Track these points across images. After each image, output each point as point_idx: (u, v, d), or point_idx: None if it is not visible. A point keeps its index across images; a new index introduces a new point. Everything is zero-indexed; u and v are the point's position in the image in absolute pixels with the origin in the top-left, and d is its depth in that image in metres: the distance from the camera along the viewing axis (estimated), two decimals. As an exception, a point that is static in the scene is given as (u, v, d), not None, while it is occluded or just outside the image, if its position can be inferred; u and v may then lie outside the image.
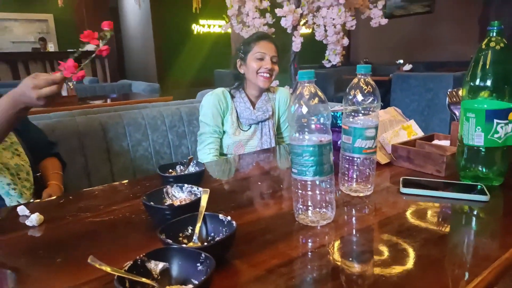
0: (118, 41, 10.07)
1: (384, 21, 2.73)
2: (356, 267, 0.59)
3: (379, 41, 7.44)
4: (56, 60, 7.81)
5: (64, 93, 3.39)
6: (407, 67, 5.10)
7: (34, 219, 0.77)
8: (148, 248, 0.55)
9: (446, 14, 6.47)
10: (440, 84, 3.83)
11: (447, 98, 1.07)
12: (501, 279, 0.57)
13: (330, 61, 2.80)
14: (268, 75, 1.55)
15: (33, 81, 0.88)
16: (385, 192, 0.91)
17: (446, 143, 1.10)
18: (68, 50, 8.13)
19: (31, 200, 1.11)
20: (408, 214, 0.78)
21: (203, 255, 0.52)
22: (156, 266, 0.53)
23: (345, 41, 2.73)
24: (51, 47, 8.33)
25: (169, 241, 0.58)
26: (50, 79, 0.88)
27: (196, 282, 0.51)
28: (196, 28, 10.14)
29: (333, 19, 2.58)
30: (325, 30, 2.63)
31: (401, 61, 5.35)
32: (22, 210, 0.83)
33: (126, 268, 0.50)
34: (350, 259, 0.62)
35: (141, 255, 0.53)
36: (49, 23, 8.96)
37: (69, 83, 3.47)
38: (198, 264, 0.53)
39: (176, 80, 9.77)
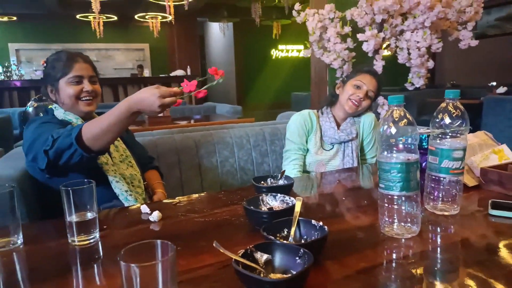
0: (202, 66, 10.88)
1: (475, 42, 2.62)
2: (437, 283, 0.63)
3: (468, 62, 7.00)
4: (150, 84, 8.69)
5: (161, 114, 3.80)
6: (501, 89, 4.72)
7: (155, 215, 0.94)
8: (248, 244, 0.65)
9: (549, 32, 5.88)
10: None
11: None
12: None
13: (413, 84, 2.75)
14: (357, 103, 1.63)
15: (159, 91, 1.03)
16: (472, 213, 0.92)
17: (542, 169, 1.06)
18: (160, 76, 9.01)
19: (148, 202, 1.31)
20: (496, 235, 0.79)
21: (301, 250, 0.62)
22: (262, 257, 0.64)
23: (430, 64, 2.67)
24: (146, 73, 9.28)
25: (272, 237, 0.68)
26: (172, 91, 1.05)
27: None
28: (275, 53, 10.54)
29: (418, 42, 2.56)
30: (409, 53, 2.61)
31: (494, 83, 4.97)
32: (144, 208, 1.01)
33: (240, 254, 0.62)
34: (432, 273, 0.66)
35: (250, 246, 0.64)
36: (145, 51, 10.03)
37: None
38: (297, 258, 0.62)
39: (254, 102, 10.19)
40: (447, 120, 0.86)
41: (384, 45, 2.75)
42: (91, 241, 0.84)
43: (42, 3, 7.19)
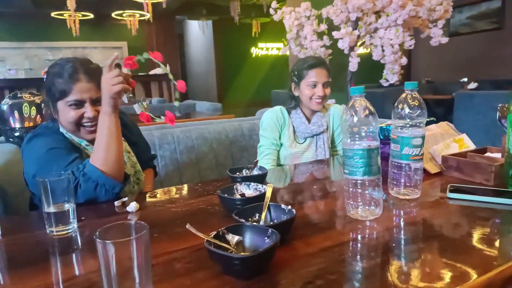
0: (182, 64, 10.82)
1: (445, 39, 2.72)
2: (396, 258, 0.69)
3: (442, 59, 7.22)
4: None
5: (138, 111, 3.80)
6: (472, 85, 4.91)
7: (133, 206, 0.97)
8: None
9: (517, 30, 6.14)
10: (508, 102, 3.66)
11: (497, 112, 1.12)
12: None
13: (387, 80, 2.84)
14: (320, 100, 1.69)
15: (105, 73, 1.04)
16: (433, 197, 0.98)
17: (498, 155, 1.14)
18: (139, 74, 8.91)
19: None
20: (451, 215, 0.86)
21: (269, 230, 0.66)
22: (233, 238, 0.68)
23: (403, 61, 2.75)
24: (125, 71, 9.13)
25: (243, 220, 0.73)
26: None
27: (264, 251, 0.64)
28: (255, 51, 10.58)
29: (391, 39, 2.64)
30: (383, 50, 2.69)
31: (465, 79, 5.16)
32: (117, 202, 1.03)
33: (212, 235, 0.66)
34: (392, 249, 0.72)
35: (222, 228, 0.68)
36: (123, 49, 9.86)
37: (143, 102, 3.88)
38: (266, 238, 0.66)
39: (235, 100, 10.22)
40: (407, 110, 0.92)
41: (359, 43, 2.83)
42: (69, 231, 0.87)
43: (15, 1, 7.01)
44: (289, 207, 0.78)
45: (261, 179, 1.09)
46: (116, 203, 1.03)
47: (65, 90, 1.14)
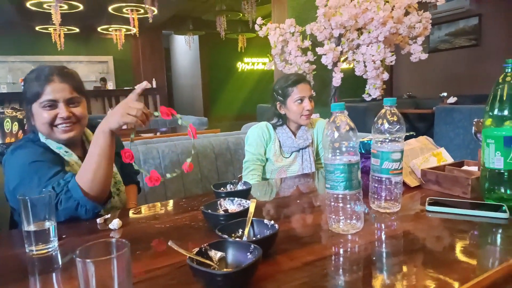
0: (168, 78, 10.83)
1: (424, 56, 2.81)
2: (378, 271, 0.70)
3: (423, 74, 7.42)
4: (114, 97, 8.58)
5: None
6: (451, 100, 5.04)
7: (115, 223, 0.96)
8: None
9: (493, 47, 6.37)
10: (483, 117, 3.76)
11: (473, 127, 1.16)
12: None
13: (370, 95, 2.90)
14: (308, 113, 1.72)
15: (127, 100, 1.00)
16: (412, 210, 1.01)
17: (475, 169, 1.17)
18: (125, 88, 8.87)
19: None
20: (430, 228, 0.88)
21: (252, 246, 0.67)
22: (216, 254, 0.68)
23: (385, 76, 2.82)
24: (110, 85, 9.10)
25: (226, 236, 0.73)
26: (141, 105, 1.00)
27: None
28: (240, 65, 10.68)
29: (373, 55, 2.71)
30: (365, 66, 2.76)
31: (445, 94, 5.30)
32: (100, 220, 1.02)
33: (195, 252, 0.66)
34: (373, 262, 0.73)
35: (205, 245, 0.68)
36: (109, 64, 9.83)
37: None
38: (248, 254, 0.67)
39: (221, 114, 10.25)
40: (386, 125, 0.95)
41: (342, 58, 2.89)
42: (50, 250, 0.85)
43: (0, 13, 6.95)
44: (272, 222, 0.78)
45: (245, 194, 1.10)
46: (98, 220, 1.02)
47: (38, 92, 1.14)
